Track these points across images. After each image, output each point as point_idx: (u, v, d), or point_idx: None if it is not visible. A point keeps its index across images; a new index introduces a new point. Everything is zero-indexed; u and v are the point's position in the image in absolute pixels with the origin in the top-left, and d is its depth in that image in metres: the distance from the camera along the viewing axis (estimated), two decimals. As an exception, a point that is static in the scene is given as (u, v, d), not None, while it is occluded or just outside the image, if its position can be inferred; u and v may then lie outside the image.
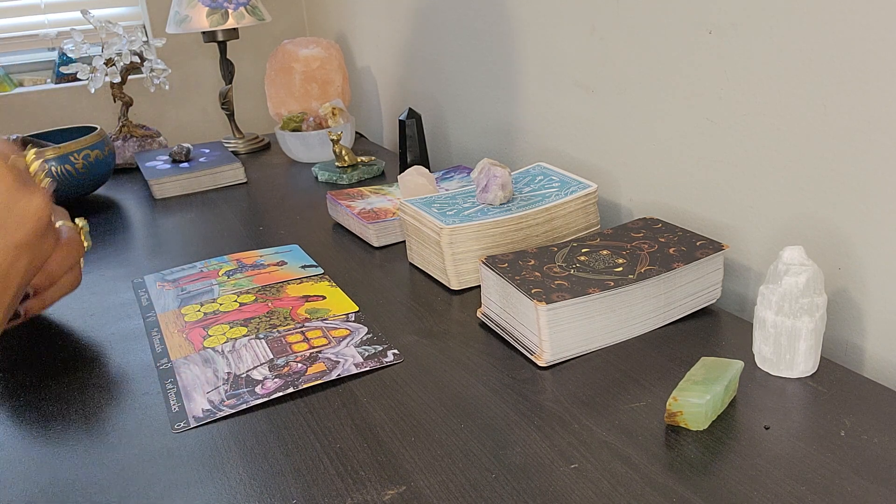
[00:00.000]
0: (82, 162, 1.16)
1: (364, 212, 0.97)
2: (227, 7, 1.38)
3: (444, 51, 1.27)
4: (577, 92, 0.96)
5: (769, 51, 0.68)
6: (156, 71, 1.42)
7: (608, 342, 0.66)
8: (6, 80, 1.74)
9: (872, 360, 0.66)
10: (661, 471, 0.50)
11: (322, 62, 1.44)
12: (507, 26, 1.07)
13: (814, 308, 0.59)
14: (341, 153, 1.22)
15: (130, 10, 1.82)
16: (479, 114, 1.21)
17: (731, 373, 0.56)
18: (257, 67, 1.87)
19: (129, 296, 0.85)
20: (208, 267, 0.90)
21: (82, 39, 1.34)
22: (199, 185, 1.25)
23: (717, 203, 0.79)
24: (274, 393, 0.63)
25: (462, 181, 1.05)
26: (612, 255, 0.70)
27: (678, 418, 0.54)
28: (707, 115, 0.77)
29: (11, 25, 1.74)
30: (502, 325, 0.69)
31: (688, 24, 0.77)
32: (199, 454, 0.56)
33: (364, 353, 0.68)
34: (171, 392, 0.65)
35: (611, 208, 0.95)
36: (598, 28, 0.89)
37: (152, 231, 1.07)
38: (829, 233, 0.67)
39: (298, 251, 0.94)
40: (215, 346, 0.71)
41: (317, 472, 0.53)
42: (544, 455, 0.53)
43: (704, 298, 0.71)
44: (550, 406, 0.59)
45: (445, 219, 0.80)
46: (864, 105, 0.61)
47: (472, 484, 0.51)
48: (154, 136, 1.45)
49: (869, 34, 0.60)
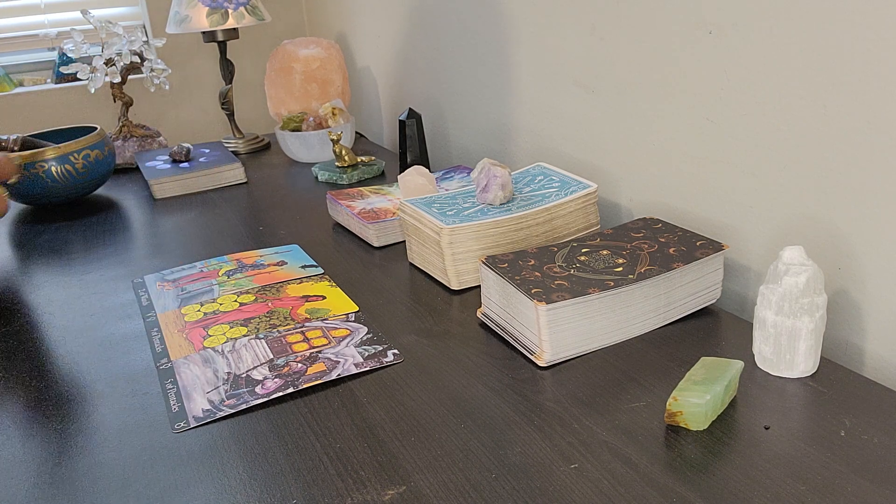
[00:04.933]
0: (82, 162, 1.16)
1: (364, 212, 0.97)
2: (227, 7, 1.38)
3: (444, 51, 1.27)
4: (577, 92, 0.96)
5: (769, 51, 0.68)
6: (156, 71, 1.42)
7: (608, 342, 0.66)
8: (6, 80, 1.74)
9: (872, 360, 0.66)
10: (661, 471, 0.50)
11: (322, 62, 1.44)
12: (507, 26, 1.07)
13: (814, 308, 0.59)
14: (341, 153, 1.22)
15: (130, 10, 1.82)
16: (479, 114, 1.21)
17: (731, 373, 0.56)
18: (257, 67, 1.87)
19: (129, 296, 0.85)
20: (208, 267, 0.90)
21: (82, 39, 1.34)
22: (199, 185, 1.25)
23: (717, 203, 0.79)
24: (274, 393, 0.63)
25: (462, 181, 1.05)
26: (612, 255, 0.70)
27: (678, 418, 0.54)
28: (707, 115, 0.77)
29: (11, 25, 1.74)
30: (502, 325, 0.69)
31: (688, 24, 0.77)
32: (199, 454, 0.56)
33: (364, 353, 0.68)
34: (171, 392, 0.65)
35: (611, 208, 0.95)
36: (598, 28, 0.89)
37: (152, 231, 1.07)
38: (829, 233, 0.67)
39: (298, 251, 0.94)
40: (215, 346, 0.71)
41: (317, 472, 0.53)
42: (544, 455, 0.53)
43: (704, 298, 0.71)
44: (550, 406, 0.59)
45: (445, 219, 0.80)
46: (864, 105, 0.61)
47: (472, 484, 0.51)
48: (154, 136, 1.45)
49: (869, 34, 0.60)
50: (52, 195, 1.16)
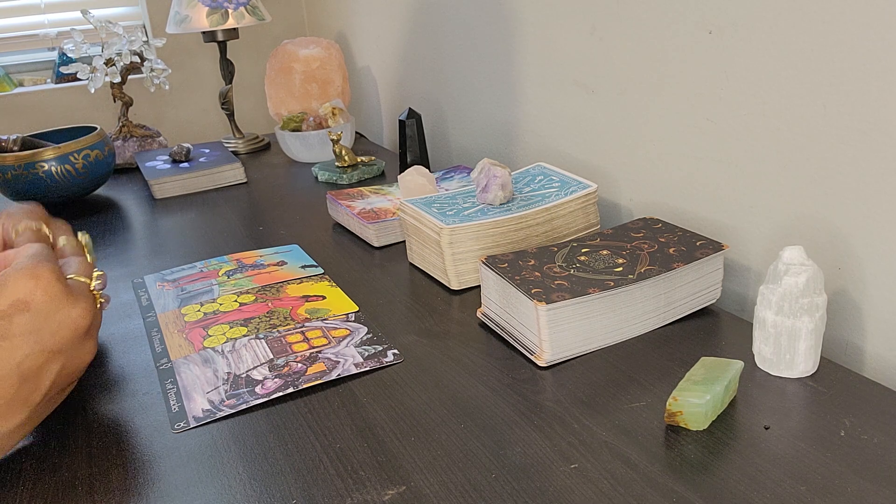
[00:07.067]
0: (82, 162, 1.16)
1: (364, 212, 0.97)
2: (227, 7, 1.38)
3: (444, 51, 1.27)
4: (577, 92, 0.96)
5: (769, 51, 0.68)
6: (156, 71, 1.42)
7: (608, 342, 0.66)
8: (6, 80, 1.74)
9: (872, 360, 0.66)
10: (661, 471, 0.50)
11: (322, 62, 1.44)
12: (507, 26, 1.07)
13: (814, 308, 0.59)
14: (341, 153, 1.22)
15: (130, 10, 1.82)
16: (479, 114, 1.21)
17: (730, 373, 0.56)
18: (257, 67, 1.87)
19: (129, 296, 0.85)
20: (208, 267, 0.90)
21: (82, 39, 1.34)
22: (199, 185, 1.25)
23: (717, 203, 0.79)
24: (274, 393, 0.63)
25: (462, 181, 1.05)
26: (612, 255, 0.70)
27: (678, 418, 0.54)
28: (707, 115, 0.77)
29: (11, 25, 1.74)
30: (502, 325, 0.69)
31: (688, 24, 0.77)
32: (199, 454, 0.56)
33: (364, 353, 0.68)
34: (171, 392, 0.65)
35: (611, 208, 0.95)
36: (598, 28, 0.89)
37: (152, 231, 1.07)
38: (829, 233, 0.67)
39: (298, 251, 0.94)
40: (215, 346, 0.71)
41: (317, 472, 0.53)
42: (544, 455, 0.53)
43: (704, 298, 0.71)
44: (550, 406, 0.59)
45: (445, 219, 0.80)
46: (864, 105, 0.61)
47: (472, 484, 0.51)
48: (154, 136, 1.45)
49: (869, 34, 0.60)
50: (51, 195, 1.16)
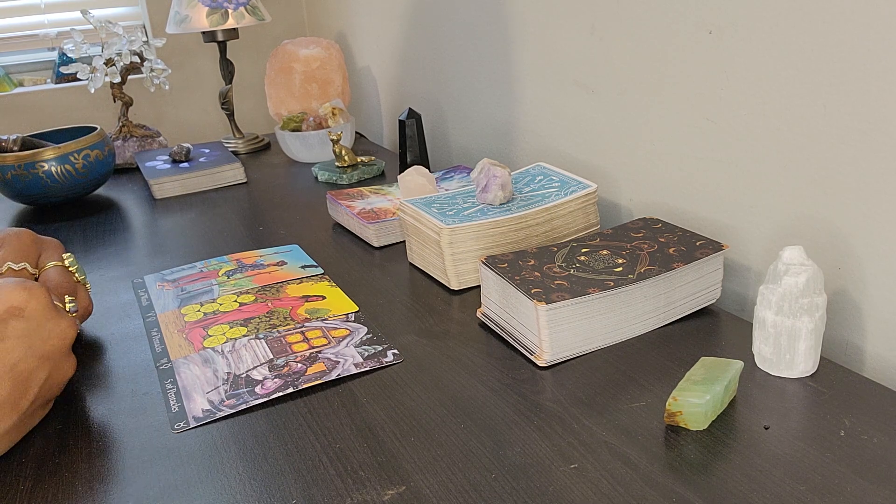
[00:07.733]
0: (82, 162, 1.16)
1: (364, 212, 0.97)
2: (227, 7, 1.38)
3: (444, 51, 1.27)
4: (577, 92, 0.96)
5: (769, 51, 0.68)
6: (156, 71, 1.42)
7: (608, 342, 0.66)
8: (6, 80, 1.74)
9: (872, 360, 0.66)
10: (661, 471, 0.50)
11: (322, 62, 1.44)
12: (507, 26, 1.07)
13: (813, 308, 0.59)
14: (341, 153, 1.22)
15: (130, 10, 1.82)
16: (479, 114, 1.21)
17: (730, 373, 0.56)
18: (257, 67, 1.87)
19: (129, 296, 0.85)
20: (208, 267, 0.90)
21: (82, 39, 1.34)
22: (199, 185, 1.25)
23: (717, 203, 0.79)
24: (274, 393, 0.63)
25: (462, 181, 1.05)
26: (611, 255, 0.70)
27: (678, 418, 0.54)
28: (707, 115, 0.77)
29: (11, 25, 1.74)
30: (502, 325, 0.69)
31: (688, 24, 0.76)
32: (199, 454, 0.56)
33: (364, 353, 0.68)
34: (171, 392, 0.65)
35: (611, 208, 0.95)
36: (598, 28, 0.89)
37: (152, 231, 1.07)
38: (829, 233, 0.67)
39: (298, 251, 0.94)
40: (215, 346, 0.71)
41: (317, 472, 0.53)
42: (544, 455, 0.53)
43: (704, 298, 0.71)
44: (550, 406, 0.59)
45: (445, 219, 0.80)
46: (864, 105, 0.61)
47: (472, 484, 0.51)
48: (154, 136, 1.45)
49: (869, 34, 0.60)
50: (51, 195, 1.16)
